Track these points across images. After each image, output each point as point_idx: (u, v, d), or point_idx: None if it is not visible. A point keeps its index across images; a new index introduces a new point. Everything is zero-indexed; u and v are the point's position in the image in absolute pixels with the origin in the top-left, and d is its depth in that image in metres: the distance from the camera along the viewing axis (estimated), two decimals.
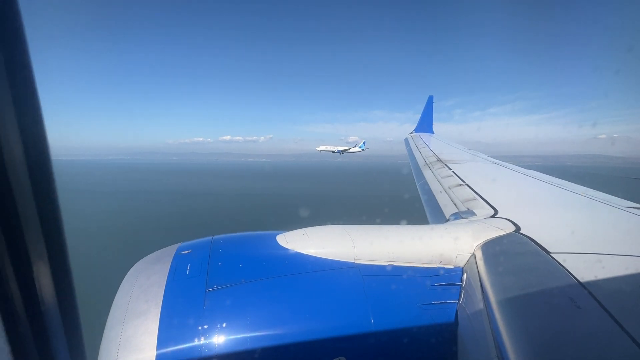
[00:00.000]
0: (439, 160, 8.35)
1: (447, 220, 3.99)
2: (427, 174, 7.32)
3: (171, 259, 2.28)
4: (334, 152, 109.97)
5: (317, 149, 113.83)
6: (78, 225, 60.60)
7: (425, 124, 17.64)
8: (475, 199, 4.44)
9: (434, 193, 5.72)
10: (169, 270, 2.17)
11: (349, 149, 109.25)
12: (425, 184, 6.71)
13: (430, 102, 18.28)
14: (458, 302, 2.30)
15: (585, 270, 2.13)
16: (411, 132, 16.68)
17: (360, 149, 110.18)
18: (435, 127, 17.92)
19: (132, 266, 2.35)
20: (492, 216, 3.50)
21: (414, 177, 8.16)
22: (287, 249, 2.42)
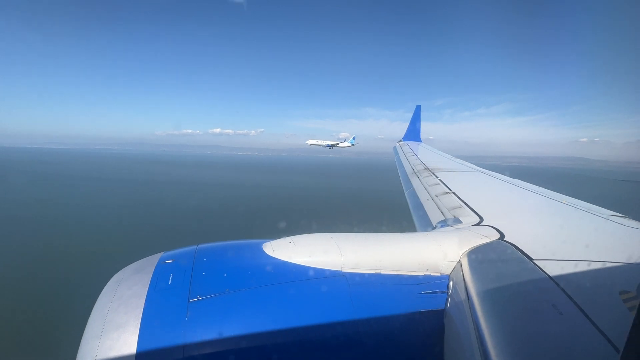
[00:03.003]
0: (427, 168, 8.47)
1: (434, 228, 4.03)
2: (415, 182, 7.41)
3: (153, 269, 2.22)
4: (323, 146, 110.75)
5: (307, 142, 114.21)
6: (68, 213, 59.58)
7: (413, 133, 18.00)
8: (461, 207, 4.51)
9: (422, 201, 5.79)
10: (151, 281, 2.11)
11: (338, 144, 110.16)
12: (413, 191, 6.79)
13: (417, 111, 18.72)
14: (444, 310, 2.31)
15: (566, 276, 2.18)
16: (399, 141, 16.98)
17: (350, 144, 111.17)
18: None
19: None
20: (478, 224, 3.55)
21: (402, 185, 8.24)
22: (274, 258, 2.38)
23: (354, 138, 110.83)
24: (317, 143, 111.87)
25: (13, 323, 26.18)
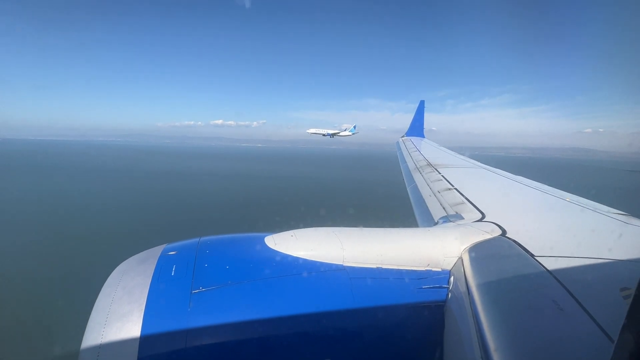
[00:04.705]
0: (429, 164, 8.44)
1: (436, 224, 4.03)
2: (417, 178, 7.39)
3: (156, 260, 2.24)
4: (324, 135, 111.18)
5: (308, 131, 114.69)
6: (70, 204, 60.33)
7: (416, 128, 17.93)
8: (463, 203, 4.50)
9: (424, 197, 5.78)
10: (154, 272, 2.13)
11: (339, 133, 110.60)
12: (415, 187, 6.78)
13: (421, 106, 18.62)
14: (445, 304, 2.32)
15: (567, 273, 2.18)
16: (402, 136, 16.92)
17: (350, 133, 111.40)
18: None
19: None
20: (480, 220, 3.55)
21: (405, 180, 8.23)
22: (276, 251, 2.40)
23: (354, 127, 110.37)
24: (317, 132, 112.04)
25: (18, 314, 26.59)
